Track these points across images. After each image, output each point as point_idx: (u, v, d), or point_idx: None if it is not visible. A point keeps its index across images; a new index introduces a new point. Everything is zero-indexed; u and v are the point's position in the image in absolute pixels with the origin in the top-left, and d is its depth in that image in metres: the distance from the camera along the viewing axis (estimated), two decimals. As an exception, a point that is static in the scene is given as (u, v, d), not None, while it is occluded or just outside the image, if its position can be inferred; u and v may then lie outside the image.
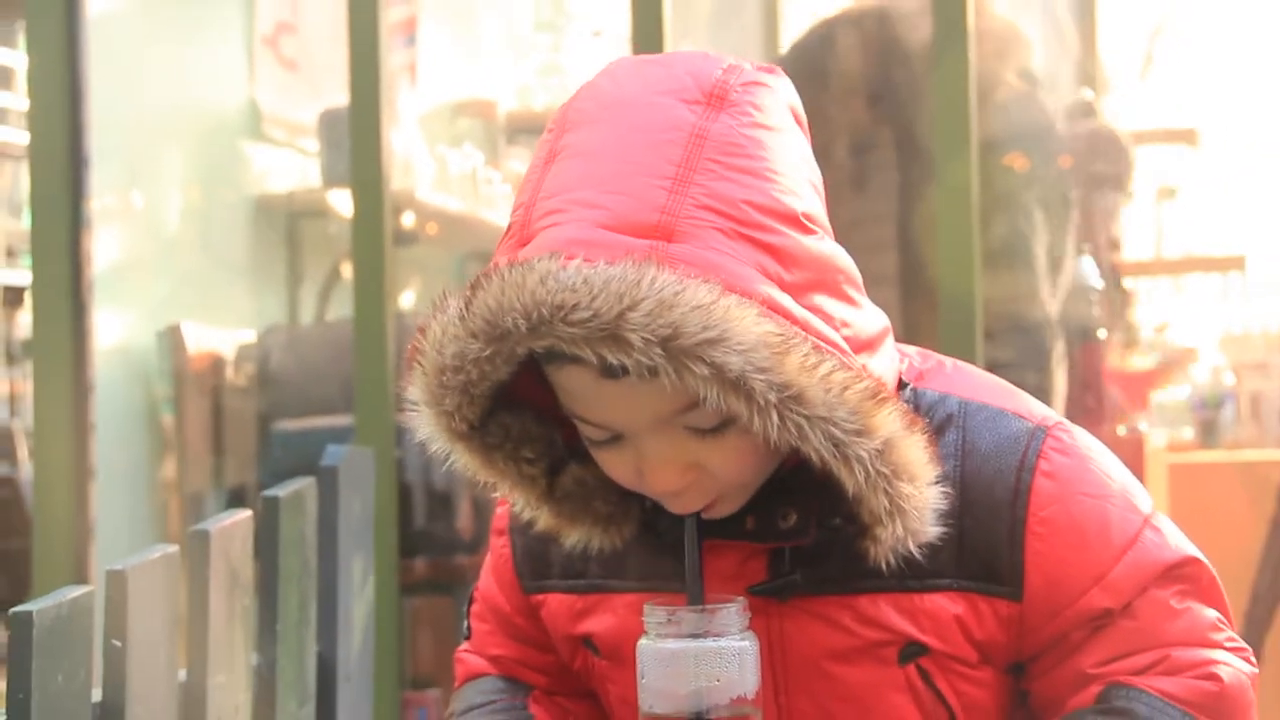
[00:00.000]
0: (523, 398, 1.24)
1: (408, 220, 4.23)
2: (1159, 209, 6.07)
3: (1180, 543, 1.26)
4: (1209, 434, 4.60)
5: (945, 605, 1.22)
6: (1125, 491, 1.25)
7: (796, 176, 1.18)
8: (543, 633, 1.39)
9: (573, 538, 1.29)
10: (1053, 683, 1.25)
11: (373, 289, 3.30)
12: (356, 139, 3.24)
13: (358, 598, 2.12)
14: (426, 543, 3.69)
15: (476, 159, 4.69)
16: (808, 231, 1.17)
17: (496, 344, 1.12)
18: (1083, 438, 1.27)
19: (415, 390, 1.19)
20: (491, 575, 1.43)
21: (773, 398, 1.09)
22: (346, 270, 4.03)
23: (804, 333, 1.13)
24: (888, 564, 1.19)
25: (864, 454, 1.13)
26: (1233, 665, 1.22)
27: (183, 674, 1.75)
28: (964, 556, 1.22)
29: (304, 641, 1.97)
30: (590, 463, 1.26)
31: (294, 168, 4.49)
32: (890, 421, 1.15)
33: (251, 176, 4.38)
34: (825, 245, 1.19)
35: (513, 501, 1.30)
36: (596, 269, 1.09)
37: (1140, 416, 4.07)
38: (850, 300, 1.20)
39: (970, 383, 1.31)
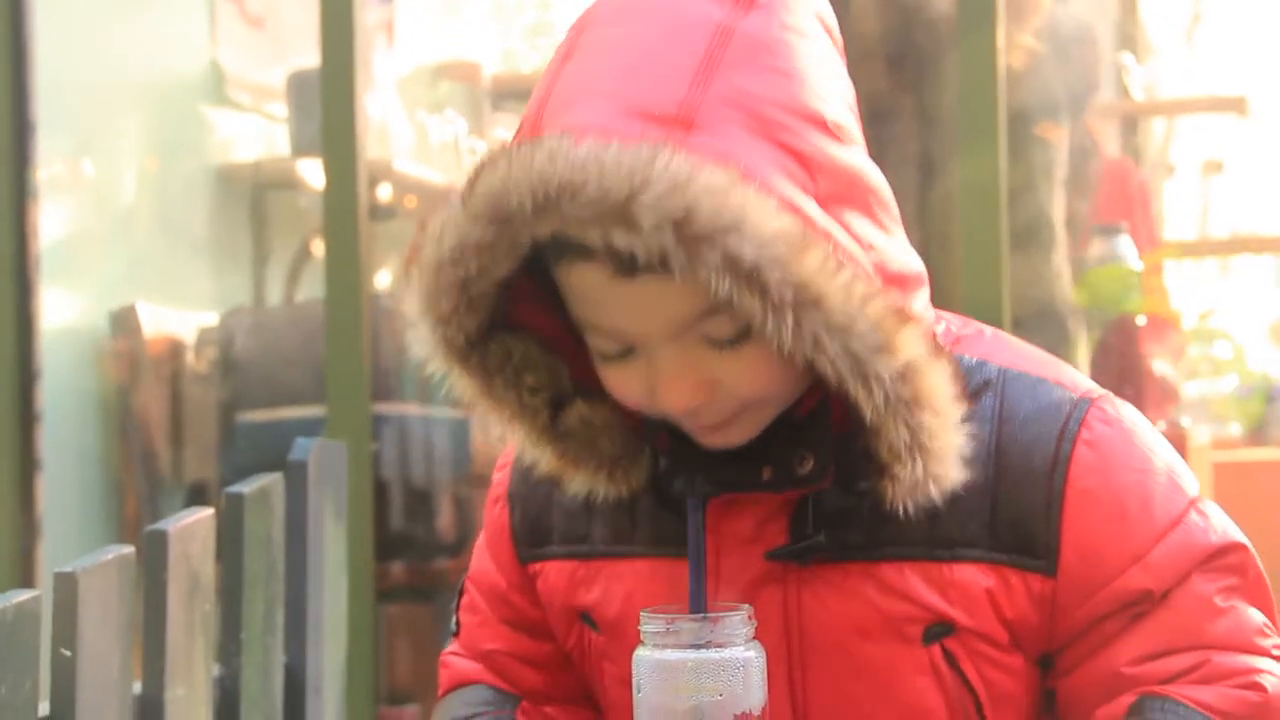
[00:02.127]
0: (526, 324, 1.26)
1: (384, 193, 4.23)
2: (1205, 184, 6.06)
3: (1227, 528, 1.27)
4: (1258, 430, 4.60)
5: (975, 577, 1.23)
6: (1171, 470, 1.27)
7: (827, 84, 1.19)
8: (538, 611, 1.40)
9: (576, 483, 1.30)
10: (1082, 681, 1.25)
11: (346, 268, 3.29)
12: (328, 104, 3.23)
13: (329, 604, 2.12)
14: (404, 545, 3.70)
15: (459, 126, 4.68)
16: (836, 139, 1.18)
17: (499, 228, 1.13)
18: (1128, 411, 1.29)
19: (412, 296, 1.21)
20: (486, 551, 1.44)
21: (789, 296, 1.10)
22: (317, 247, 4.03)
23: (825, 240, 1.14)
24: (910, 519, 1.20)
25: (883, 373, 1.14)
26: (1278, 675, 1.23)
27: (138, 686, 1.75)
28: (997, 526, 1.23)
29: (270, 651, 1.97)
30: (597, 401, 1.27)
31: (260, 135, 4.49)
32: (914, 343, 1.16)
33: (213, 144, 4.38)
34: (856, 158, 1.20)
35: (513, 437, 1.30)
36: (609, 148, 1.10)
37: (1182, 410, 4.06)
38: (881, 225, 1.21)
39: (1010, 351, 1.33)
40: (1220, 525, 1.26)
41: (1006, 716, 1.26)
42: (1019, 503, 1.23)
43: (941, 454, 1.18)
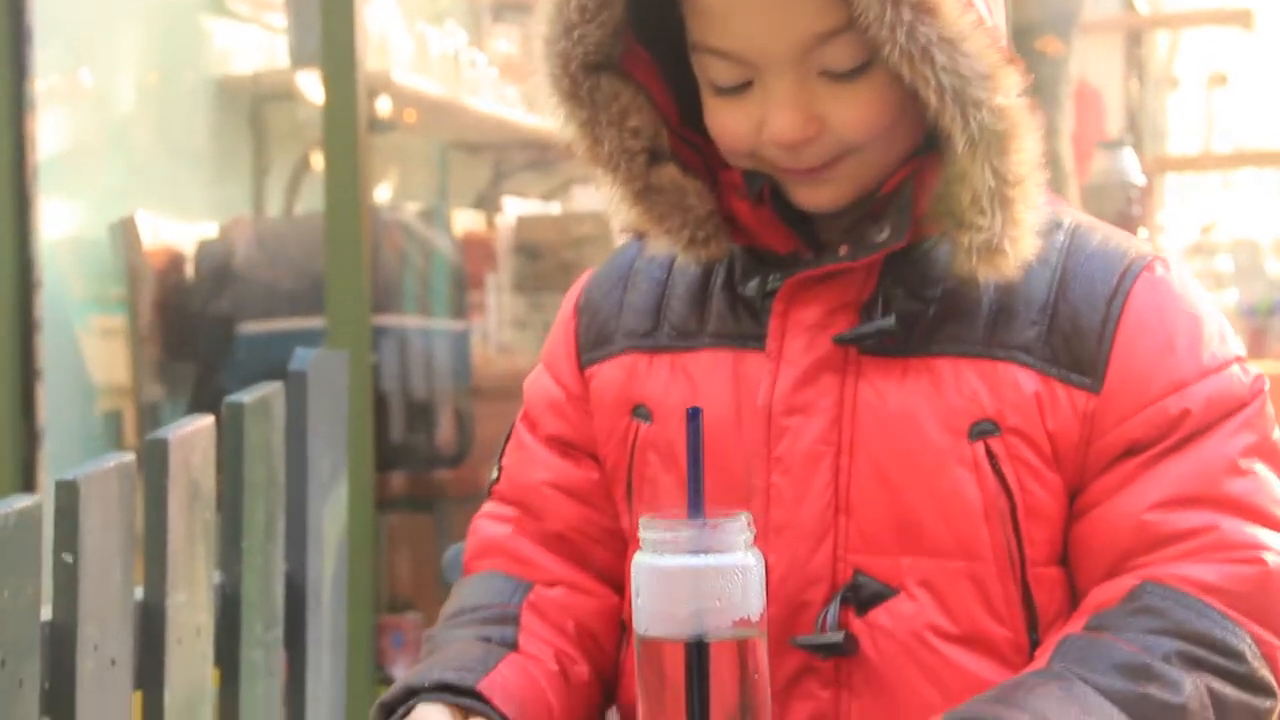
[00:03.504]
0: (637, 78, 1.34)
1: (383, 105, 4.22)
2: (1208, 97, 6.04)
3: (1264, 396, 1.32)
4: (1259, 344, 4.60)
5: (1025, 381, 1.28)
6: (1223, 327, 1.33)
7: None
8: (588, 424, 1.45)
9: (659, 243, 1.37)
10: (1098, 525, 1.29)
11: (345, 180, 3.29)
12: (327, 15, 3.22)
13: (329, 513, 2.13)
14: (405, 456, 3.71)
15: (459, 38, 4.66)
16: None
17: None
18: (1189, 275, 1.35)
19: (542, 10, 1.29)
20: (545, 370, 1.50)
21: None
22: (317, 160, 4.02)
23: None
24: (971, 321, 1.28)
25: (983, 100, 1.21)
26: None
27: (139, 592, 1.76)
28: (1052, 339, 1.29)
29: (271, 559, 1.98)
30: (690, 175, 1.35)
31: (259, 46, 4.47)
32: (1013, 85, 1.23)
33: (213, 56, 4.35)
34: None
35: (603, 184, 1.37)
36: None
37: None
38: (988, 4, 1.28)
39: (1082, 215, 1.40)
40: (1259, 391, 1.31)
41: (1039, 531, 1.29)
42: (1076, 321, 1.29)
43: (1019, 219, 1.24)
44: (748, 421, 1.33)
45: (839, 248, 1.32)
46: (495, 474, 1.51)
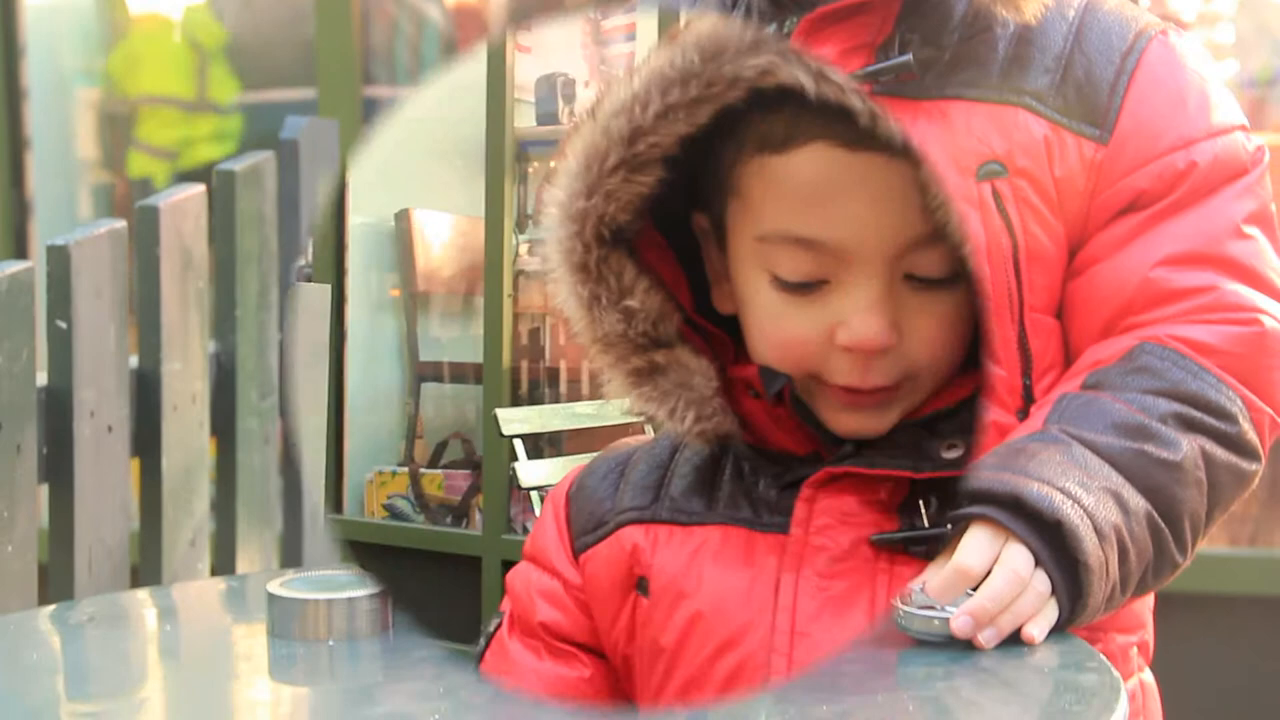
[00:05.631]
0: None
1: None
2: None
3: (1266, 165, 1.33)
4: (1259, 116, 4.56)
5: (1035, 126, 1.30)
6: (1232, 98, 1.34)
7: None
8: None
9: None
10: (1100, 281, 1.31)
11: (334, -56, 3.24)
12: None
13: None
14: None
15: None
16: None
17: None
18: (1201, 49, 1.36)
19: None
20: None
21: None
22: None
23: None
24: (984, 66, 1.30)
25: None
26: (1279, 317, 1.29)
27: (134, 360, 1.77)
28: (1064, 89, 1.31)
29: (265, 328, 1.99)
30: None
31: None
32: None
33: None
34: None
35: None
36: None
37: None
38: None
39: None
40: (1260, 160, 1.33)
41: (1039, 277, 1.31)
42: (1089, 72, 1.31)
43: None
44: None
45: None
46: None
